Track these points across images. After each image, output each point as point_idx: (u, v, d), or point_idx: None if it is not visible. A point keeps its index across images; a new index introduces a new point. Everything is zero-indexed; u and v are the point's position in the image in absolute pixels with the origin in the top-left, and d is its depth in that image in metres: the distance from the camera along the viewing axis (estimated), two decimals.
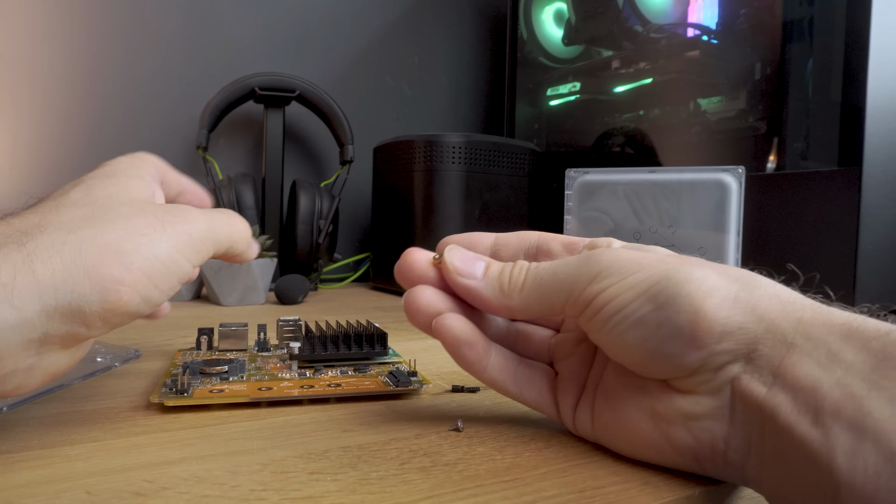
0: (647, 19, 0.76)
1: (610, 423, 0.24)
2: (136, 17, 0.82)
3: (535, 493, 0.21)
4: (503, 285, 0.25)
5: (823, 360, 0.19)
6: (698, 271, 0.22)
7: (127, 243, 0.23)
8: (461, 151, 0.72)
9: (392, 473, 0.22)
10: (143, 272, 0.23)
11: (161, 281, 0.24)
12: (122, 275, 0.22)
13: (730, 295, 0.21)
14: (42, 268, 0.21)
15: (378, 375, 0.33)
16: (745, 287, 0.21)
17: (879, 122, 0.53)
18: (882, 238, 0.54)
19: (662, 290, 0.21)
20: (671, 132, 0.73)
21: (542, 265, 0.25)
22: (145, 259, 0.23)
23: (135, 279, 0.23)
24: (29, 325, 0.21)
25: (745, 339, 0.20)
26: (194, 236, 0.26)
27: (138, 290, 0.23)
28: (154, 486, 0.20)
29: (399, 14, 1.00)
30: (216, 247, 0.27)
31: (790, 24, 0.60)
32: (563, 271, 0.24)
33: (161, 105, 0.83)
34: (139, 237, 0.24)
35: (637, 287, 0.22)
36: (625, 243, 0.26)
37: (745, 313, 0.21)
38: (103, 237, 0.23)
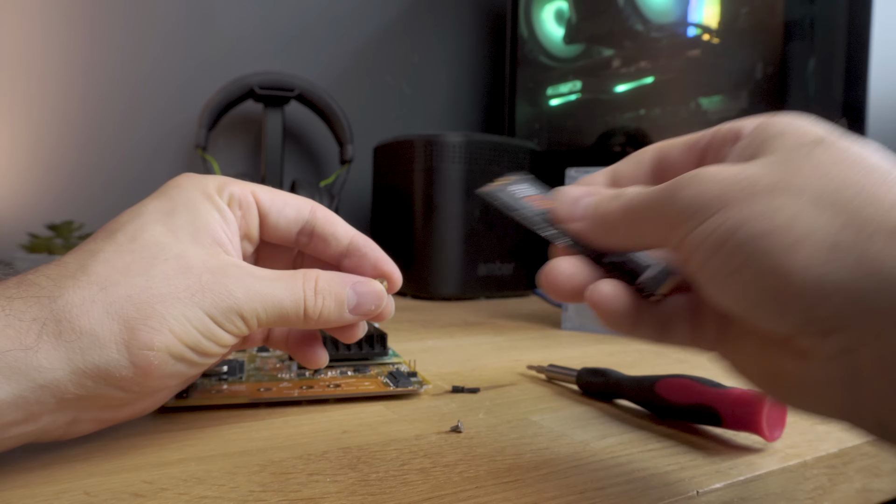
0: (647, 18, 0.76)
1: (740, 366, 0.21)
2: (134, 17, 0.81)
3: (536, 495, 0.20)
4: (602, 220, 0.22)
5: None
6: (785, 211, 0.17)
7: (159, 306, 0.22)
8: (461, 151, 0.72)
9: (392, 475, 0.22)
10: (176, 336, 0.22)
11: (197, 346, 0.22)
12: (149, 339, 0.21)
13: (825, 242, 0.16)
14: (69, 330, 0.20)
15: (378, 376, 0.33)
16: (850, 222, 0.16)
17: (880, 122, 0.53)
18: None
19: (740, 247, 0.17)
20: (672, 132, 0.73)
21: (636, 195, 0.21)
22: (177, 323, 0.22)
23: (165, 343, 0.21)
24: (61, 386, 0.20)
25: (849, 300, 0.16)
26: (240, 306, 0.23)
27: (172, 354, 0.22)
28: (153, 487, 0.20)
29: (399, 13, 1.00)
30: (267, 319, 0.24)
31: (791, 24, 0.60)
32: (650, 206, 0.20)
33: (160, 104, 0.83)
34: (173, 301, 0.22)
35: (714, 238, 0.18)
36: (760, 120, 0.21)
37: (846, 266, 0.16)
38: (137, 297, 0.21)
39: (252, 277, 0.24)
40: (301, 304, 0.24)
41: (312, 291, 0.25)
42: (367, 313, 0.26)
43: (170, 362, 0.22)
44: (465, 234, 0.72)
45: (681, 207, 0.19)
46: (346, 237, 0.28)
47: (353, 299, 0.26)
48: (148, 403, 0.24)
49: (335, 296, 0.25)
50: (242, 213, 0.26)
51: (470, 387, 0.33)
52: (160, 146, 0.83)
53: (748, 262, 0.17)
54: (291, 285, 0.24)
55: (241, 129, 0.89)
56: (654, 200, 0.20)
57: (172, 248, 0.23)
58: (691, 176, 0.19)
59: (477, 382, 0.34)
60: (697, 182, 0.19)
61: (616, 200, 0.22)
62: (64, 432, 0.22)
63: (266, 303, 0.24)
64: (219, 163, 0.84)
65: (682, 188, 0.19)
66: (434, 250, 0.72)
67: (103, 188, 0.78)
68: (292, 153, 0.92)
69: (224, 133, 0.87)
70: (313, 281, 0.25)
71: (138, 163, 0.81)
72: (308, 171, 0.94)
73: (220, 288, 0.23)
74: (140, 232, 0.23)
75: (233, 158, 0.88)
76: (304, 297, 0.24)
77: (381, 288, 0.26)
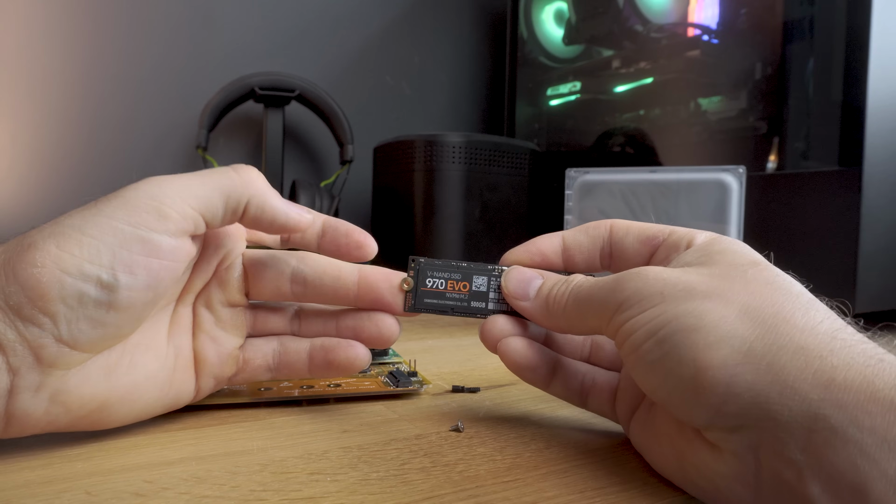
0: (647, 19, 0.76)
1: (647, 448, 0.23)
2: (135, 17, 0.81)
3: (536, 494, 0.21)
4: (549, 305, 0.25)
5: (869, 443, 0.15)
6: (713, 314, 0.19)
7: (46, 230, 0.21)
8: (461, 151, 0.72)
9: (392, 474, 0.22)
10: (62, 249, 0.20)
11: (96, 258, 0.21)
12: (31, 256, 0.20)
13: (742, 347, 0.18)
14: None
15: (378, 376, 0.33)
16: (766, 335, 0.18)
17: (880, 122, 0.53)
18: (883, 238, 0.53)
19: (669, 337, 0.19)
20: (672, 132, 0.73)
21: (584, 285, 0.24)
22: (67, 238, 0.21)
23: (50, 257, 0.20)
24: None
25: (755, 402, 0.17)
26: (152, 195, 0.22)
27: (61, 268, 0.20)
28: (154, 486, 0.20)
29: (399, 14, 1.00)
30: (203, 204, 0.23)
31: (791, 24, 0.60)
32: (597, 295, 0.23)
33: (160, 105, 0.83)
34: (67, 222, 0.21)
35: (649, 327, 0.20)
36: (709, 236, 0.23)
37: (756, 371, 0.17)
38: (31, 236, 0.21)
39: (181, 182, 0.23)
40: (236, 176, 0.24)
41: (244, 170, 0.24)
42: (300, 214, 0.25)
43: (61, 279, 0.20)
44: (465, 234, 0.72)
45: (624, 297, 0.21)
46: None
47: None
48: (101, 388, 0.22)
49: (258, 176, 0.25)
50: None
51: (470, 387, 0.33)
52: (161, 146, 0.83)
53: (673, 351, 0.19)
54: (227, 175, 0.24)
55: (242, 130, 0.89)
56: (601, 290, 0.23)
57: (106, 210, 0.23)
58: (637, 272, 0.22)
59: (477, 382, 0.34)
60: (643, 278, 0.21)
61: (565, 287, 0.24)
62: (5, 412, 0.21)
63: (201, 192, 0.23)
64: (219, 163, 0.84)
65: (628, 280, 0.22)
66: (434, 250, 0.72)
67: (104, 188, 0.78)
68: (293, 153, 0.92)
69: (224, 133, 0.87)
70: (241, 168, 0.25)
71: (139, 163, 0.81)
72: (308, 172, 0.94)
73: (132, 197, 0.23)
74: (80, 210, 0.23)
75: (233, 159, 0.88)
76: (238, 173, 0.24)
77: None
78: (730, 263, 0.21)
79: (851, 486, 0.15)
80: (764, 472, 0.18)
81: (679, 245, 0.23)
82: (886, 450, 0.15)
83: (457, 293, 0.26)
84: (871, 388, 0.16)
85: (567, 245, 0.26)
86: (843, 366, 0.17)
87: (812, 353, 0.17)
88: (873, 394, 0.16)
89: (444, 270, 0.26)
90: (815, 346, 0.17)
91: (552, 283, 0.25)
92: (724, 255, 0.22)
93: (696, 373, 0.18)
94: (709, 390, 0.18)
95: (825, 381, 0.16)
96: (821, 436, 0.16)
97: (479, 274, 0.26)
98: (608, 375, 0.27)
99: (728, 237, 0.23)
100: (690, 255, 0.22)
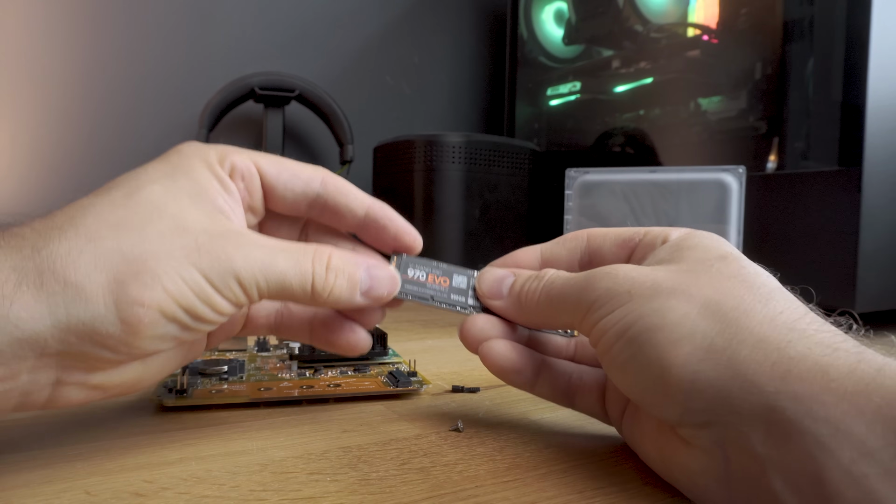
0: (647, 19, 0.76)
1: (637, 446, 0.23)
2: (135, 17, 0.81)
3: (536, 494, 0.21)
4: (521, 302, 0.25)
5: (823, 433, 0.15)
6: (677, 311, 0.19)
7: (152, 262, 0.20)
8: (461, 151, 0.72)
9: (392, 474, 0.22)
10: (169, 294, 0.20)
11: (191, 308, 0.20)
12: (139, 294, 0.19)
13: (704, 343, 0.18)
14: (52, 280, 0.19)
15: (378, 376, 0.33)
16: (726, 329, 0.18)
17: (880, 122, 0.53)
18: (882, 238, 0.53)
19: (636, 337, 0.19)
20: (671, 132, 0.73)
21: (556, 282, 0.23)
22: (171, 281, 0.20)
23: (157, 300, 0.20)
24: (40, 340, 0.19)
25: (718, 397, 0.17)
26: (238, 272, 0.21)
27: (163, 313, 0.20)
28: (153, 486, 0.20)
29: (399, 14, 1.00)
30: (268, 290, 0.22)
31: (790, 24, 0.60)
32: (568, 294, 0.23)
33: (161, 105, 0.83)
34: (168, 258, 0.20)
35: (618, 327, 0.20)
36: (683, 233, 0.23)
37: (717, 367, 0.18)
38: (128, 252, 0.20)
39: (254, 245, 0.22)
40: (308, 279, 0.22)
41: (323, 267, 0.23)
42: (379, 298, 0.24)
43: (161, 322, 0.20)
44: (465, 234, 0.72)
45: (595, 297, 0.21)
46: (362, 208, 0.26)
47: (366, 282, 0.24)
48: (138, 373, 0.22)
49: (349, 275, 0.23)
50: (245, 185, 0.24)
51: (470, 387, 0.33)
52: (161, 146, 0.83)
53: (640, 351, 0.19)
54: (299, 258, 0.22)
55: (242, 130, 0.89)
56: (573, 288, 0.23)
57: (169, 208, 0.21)
58: (607, 270, 0.22)
59: (477, 382, 0.34)
60: (612, 276, 0.21)
61: (537, 283, 0.24)
62: (49, 398, 0.20)
63: (268, 272, 0.22)
64: None
65: (598, 279, 0.22)
66: (434, 250, 0.72)
67: None
68: (292, 153, 0.92)
69: (224, 133, 0.87)
70: (325, 256, 0.23)
71: (139, 163, 0.81)
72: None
73: (219, 251, 0.21)
74: (137, 190, 0.21)
75: None
76: (314, 272, 0.22)
77: (395, 273, 0.25)
78: (698, 258, 0.21)
79: (810, 477, 0.15)
80: (732, 466, 0.18)
81: (654, 243, 0.24)
82: (841, 439, 0.15)
83: (437, 285, 0.26)
84: (826, 378, 0.16)
85: (545, 257, 0.27)
86: (799, 356, 0.17)
87: (771, 345, 0.17)
88: (827, 384, 0.16)
89: (425, 266, 0.27)
90: (773, 338, 0.17)
91: (524, 280, 0.25)
92: (694, 251, 0.22)
93: (661, 371, 0.19)
94: (675, 388, 0.18)
95: (782, 372, 0.17)
96: (779, 428, 0.16)
97: (459, 273, 0.27)
98: (595, 374, 0.26)
99: (703, 232, 0.23)
100: (663, 252, 0.22)
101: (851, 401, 0.15)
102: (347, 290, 0.23)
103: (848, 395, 0.15)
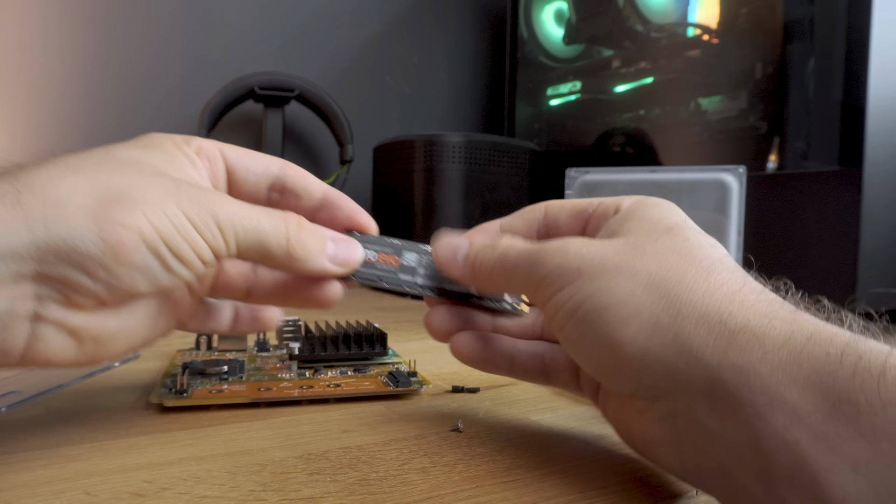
0: (647, 19, 0.76)
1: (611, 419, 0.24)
2: (135, 17, 0.81)
3: (536, 494, 0.21)
4: (475, 272, 0.24)
5: (760, 403, 0.16)
6: (623, 290, 0.19)
7: (135, 191, 0.20)
8: (461, 151, 0.72)
9: (392, 474, 0.22)
10: (150, 222, 0.20)
11: (171, 241, 0.20)
12: (122, 216, 0.19)
13: (651, 320, 0.19)
14: (31, 198, 0.18)
15: (378, 376, 0.33)
16: (670, 305, 0.18)
17: (880, 122, 0.53)
18: (882, 238, 0.53)
19: (585, 316, 0.20)
20: (672, 132, 0.73)
21: (509, 254, 0.23)
22: (152, 211, 0.20)
23: (139, 224, 0.19)
24: (16, 256, 0.18)
25: (666, 373, 0.18)
26: (218, 216, 0.22)
27: (145, 239, 0.20)
28: (153, 486, 0.20)
29: (399, 14, 1.00)
30: (244, 240, 0.22)
31: (791, 24, 0.60)
32: (520, 267, 0.23)
33: (160, 104, 0.83)
34: (150, 191, 0.20)
35: (569, 305, 0.20)
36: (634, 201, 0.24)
37: (663, 343, 0.18)
38: (111, 181, 0.20)
39: (234, 202, 0.23)
40: (283, 235, 0.23)
41: (296, 228, 0.24)
42: (344, 262, 0.25)
43: (142, 249, 0.20)
44: None
45: (545, 273, 0.21)
46: (319, 191, 0.27)
47: (332, 247, 0.25)
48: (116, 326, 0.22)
49: (318, 238, 0.25)
50: (210, 165, 0.25)
51: (470, 387, 0.33)
52: None
53: (591, 330, 0.20)
54: (274, 216, 0.23)
55: (242, 130, 0.89)
56: (525, 260, 0.23)
57: (145, 163, 0.22)
58: (558, 246, 0.22)
59: (477, 382, 0.34)
60: (563, 252, 0.21)
61: (491, 251, 0.24)
62: (28, 343, 0.20)
63: (246, 224, 0.22)
64: None
65: (549, 255, 0.22)
66: None
67: None
68: (292, 153, 0.92)
69: (224, 133, 0.87)
70: (297, 218, 0.24)
71: None
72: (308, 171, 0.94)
73: (199, 195, 0.22)
74: (115, 151, 0.22)
75: None
76: (288, 231, 0.23)
77: (357, 243, 0.26)
78: (645, 231, 0.21)
79: (749, 446, 0.16)
80: (682, 437, 0.18)
81: (607, 213, 0.24)
82: (775, 408, 0.16)
83: (387, 265, 0.27)
84: (763, 349, 0.16)
85: (504, 230, 0.27)
86: (738, 328, 0.17)
87: (713, 318, 0.18)
88: (764, 355, 0.16)
89: (377, 244, 0.27)
90: (715, 312, 0.18)
91: (478, 248, 0.25)
92: (642, 222, 0.22)
93: (612, 349, 0.19)
94: (625, 365, 0.19)
95: (724, 346, 0.17)
96: (721, 401, 0.17)
97: (410, 251, 0.27)
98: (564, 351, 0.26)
99: (653, 200, 0.23)
100: (615, 223, 0.23)
101: (784, 370, 0.16)
102: (318, 251, 0.24)
103: (781, 365, 0.16)
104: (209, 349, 0.39)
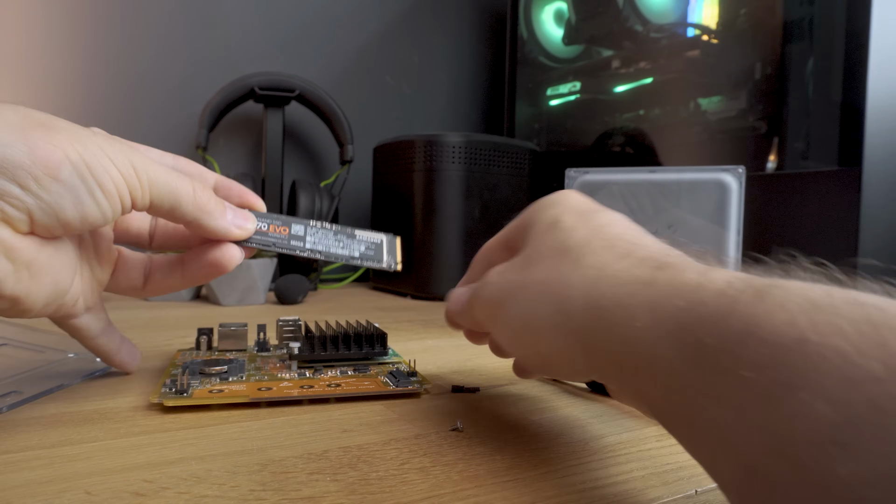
0: (647, 19, 0.76)
1: None
2: (135, 17, 0.81)
3: (535, 494, 0.21)
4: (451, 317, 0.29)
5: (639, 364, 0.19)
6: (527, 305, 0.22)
7: (58, 123, 0.22)
8: (461, 151, 0.72)
9: (392, 474, 0.22)
10: (74, 147, 0.22)
11: (94, 167, 0.22)
12: (49, 135, 0.21)
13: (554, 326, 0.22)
14: None
15: (378, 376, 0.33)
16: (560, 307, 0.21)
17: (880, 122, 0.53)
18: (882, 238, 0.53)
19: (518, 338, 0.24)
20: (671, 132, 0.73)
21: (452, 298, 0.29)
22: (77, 138, 0.22)
23: (64, 146, 0.21)
24: None
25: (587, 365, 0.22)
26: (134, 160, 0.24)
27: (69, 159, 0.21)
28: (153, 486, 0.20)
29: (399, 14, 1.00)
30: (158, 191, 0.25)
31: (790, 24, 0.60)
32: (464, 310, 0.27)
33: (161, 105, 0.83)
34: (74, 128, 0.22)
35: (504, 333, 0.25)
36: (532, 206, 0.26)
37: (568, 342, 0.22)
38: (37, 115, 0.22)
39: (148, 157, 0.25)
40: (192, 192, 0.26)
41: (202, 188, 0.27)
42: (242, 226, 0.29)
43: (67, 166, 0.21)
44: (464, 234, 0.72)
45: (479, 309, 0.26)
46: (213, 177, 0.31)
47: (230, 212, 0.29)
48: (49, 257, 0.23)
49: (219, 201, 0.28)
50: None
51: (470, 387, 0.33)
52: (160, 146, 0.83)
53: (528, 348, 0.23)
54: (182, 177, 0.26)
55: (242, 130, 0.89)
56: (467, 303, 0.27)
57: None
58: (483, 282, 0.26)
59: (477, 382, 0.34)
60: (488, 286, 0.25)
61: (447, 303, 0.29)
62: None
63: (162, 176, 0.25)
64: (219, 163, 0.84)
65: (478, 292, 0.26)
66: (434, 250, 0.72)
67: None
68: (292, 153, 0.92)
69: (224, 133, 0.87)
70: (201, 182, 0.27)
71: None
72: (308, 172, 0.94)
73: (120, 143, 0.24)
74: None
75: (233, 159, 0.88)
76: (194, 189, 0.26)
77: (251, 213, 0.30)
78: (534, 237, 0.24)
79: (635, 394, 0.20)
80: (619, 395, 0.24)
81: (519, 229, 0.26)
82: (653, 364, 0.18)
83: (278, 234, 0.30)
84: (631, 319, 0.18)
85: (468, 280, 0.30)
86: (610, 304, 0.19)
87: (591, 303, 0.20)
88: (632, 322, 0.18)
89: (268, 218, 0.30)
90: (592, 296, 0.20)
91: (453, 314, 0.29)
92: (532, 229, 0.25)
93: (544, 359, 0.22)
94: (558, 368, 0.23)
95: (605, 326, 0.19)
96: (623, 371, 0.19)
97: (297, 223, 0.31)
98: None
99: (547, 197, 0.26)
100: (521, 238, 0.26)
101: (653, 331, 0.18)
102: (220, 212, 0.28)
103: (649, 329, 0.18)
104: (209, 349, 0.39)
